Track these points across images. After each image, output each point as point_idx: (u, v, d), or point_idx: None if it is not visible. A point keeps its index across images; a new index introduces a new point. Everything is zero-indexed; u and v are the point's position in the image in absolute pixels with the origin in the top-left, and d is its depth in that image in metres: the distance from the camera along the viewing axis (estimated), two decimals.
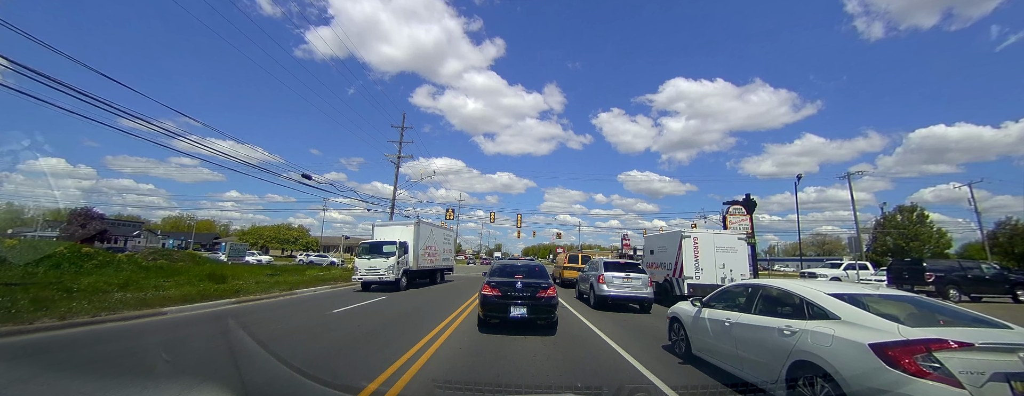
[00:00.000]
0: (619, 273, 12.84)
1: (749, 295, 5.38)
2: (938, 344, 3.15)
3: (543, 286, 8.14)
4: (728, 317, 5.27)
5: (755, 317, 4.85)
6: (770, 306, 4.87)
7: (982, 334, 3.36)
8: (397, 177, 32.55)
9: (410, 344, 6.67)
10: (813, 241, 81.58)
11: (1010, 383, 2.95)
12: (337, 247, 73.80)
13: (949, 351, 3.09)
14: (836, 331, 3.73)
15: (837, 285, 5.29)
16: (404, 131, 32.54)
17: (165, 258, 22.87)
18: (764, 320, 4.65)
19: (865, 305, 4.00)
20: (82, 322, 7.31)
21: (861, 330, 3.58)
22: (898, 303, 4.25)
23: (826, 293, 4.32)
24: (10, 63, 7.84)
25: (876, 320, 3.64)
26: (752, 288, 5.45)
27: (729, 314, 5.33)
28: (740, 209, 21.87)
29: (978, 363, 3.03)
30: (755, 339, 4.64)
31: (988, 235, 41.81)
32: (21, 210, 72.75)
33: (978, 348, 3.09)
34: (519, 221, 51.50)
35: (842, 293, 4.30)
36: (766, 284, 5.27)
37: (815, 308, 4.20)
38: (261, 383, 4.48)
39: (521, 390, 4.67)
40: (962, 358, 3.05)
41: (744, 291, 5.61)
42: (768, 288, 5.14)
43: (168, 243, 66.74)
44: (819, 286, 4.70)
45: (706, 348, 5.71)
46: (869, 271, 24.96)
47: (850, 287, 4.96)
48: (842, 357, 3.52)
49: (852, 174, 33.11)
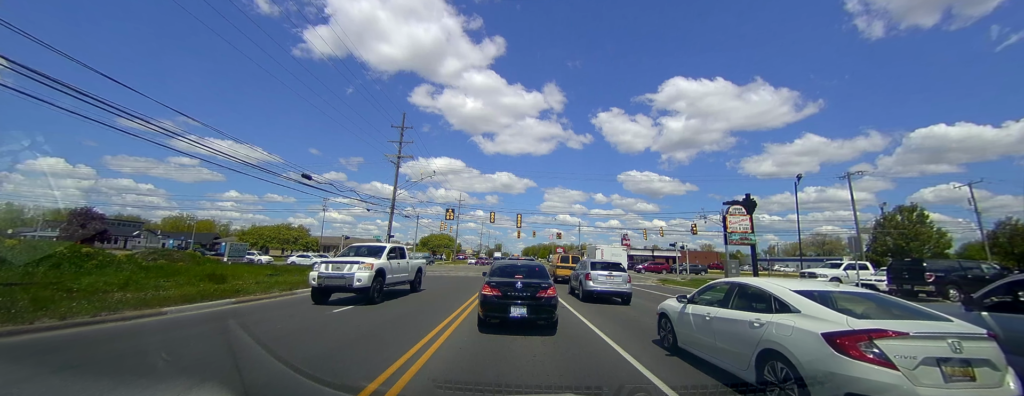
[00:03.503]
0: (603, 272, 14.72)
1: (727, 292, 5.82)
2: (878, 333, 3.65)
3: (543, 286, 8.13)
4: (709, 312, 5.76)
5: (731, 312, 5.35)
6: (744, 301, 5.33)
7: (919, 325, 3.83)
8: (397, 177, 32.54)
9: (410, 344, 6.67)
10: (813, 241, 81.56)
11: (940, 366, 3.50)
12: (337, 247, 73.77)
13: (888, 339, 3.60)
14: (796, 323, 4.23)
15: (804, 282, 5.69)
16: (404, 131, 32.54)
17: (165, 258, 22.86)
18: (738, 314, 5.16)
19: (825, 300, 4.44)
20: (82, 322, 7.31)
21: (817, 322, 4.07)
22: (860, 299, 4.70)
23: (791, 290, 4.79)
24: (9, 63, 7.84)
25: (830, 313, 4.13)
26: (730, 285, 5.90)
27: (709, 309, 5.81)
28: (740, 209, 21.86)
29: (912, 349, 3.54)
30: (730, 331, 5.15)
31: (988, 235, 41.79)
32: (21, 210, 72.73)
33: (912, 336, 3.62)
34: (519, 221, 51.57)
35: (805, 290, 4.76)
36: (742, 282, 5.71)
37: (781, 303, 4.68)
38: (261, 383, 4.48)
39: (522, 390, 4.67)
40: (898, 345, 3.56)
41: (723, 288, 6.05)
42: (743, 285, 5.59)
43: (168, 243, 66.77)
44: (786, 284, 5.13)
45: (690, 341, 6.21)
46: (869, 271, 24.90)
47: (815, 285, 5.42)
48: (800, 345, 4.03)
49: (852, 174, 33.08)
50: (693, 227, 47.16)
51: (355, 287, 11.36)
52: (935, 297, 19.69)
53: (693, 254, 69.92)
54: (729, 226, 21.47)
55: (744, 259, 53.34)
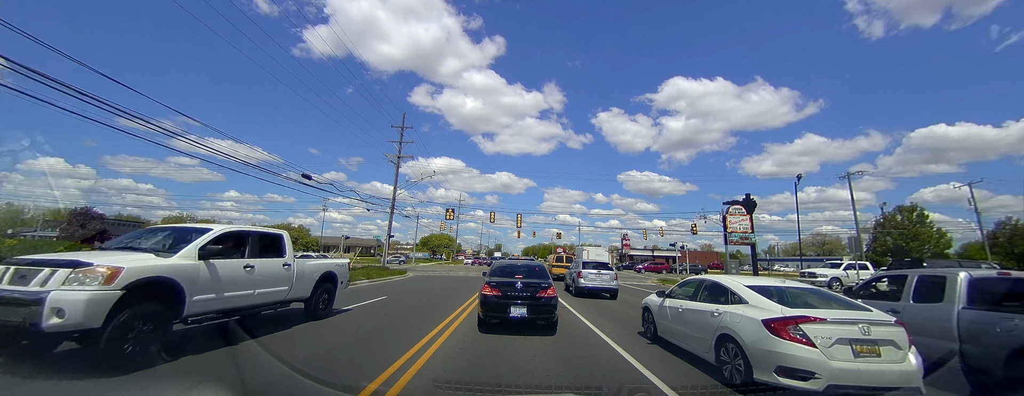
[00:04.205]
0: (593, 270, 16.61)
1: (696, 287, 6.79)
2: (803, 319, 4.57)
3: (543, 286, 8.13)
4: (681, 305, 6.72)
5: (698, 304, 6.29)
6: (708, 295, 6.25)
7: (838, 314, 4.74)
8: (397, 177, 32.55)
9: (410, 344, 6.67)
10: (813, 241, 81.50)
11: (851, 346, 4.39)
12: (337, 247, 73.76)
13: (810, 324, 4.51)
14: (743, 311, 5.17)
15: (756, 279, 6.55)
16: (404, 131, 32.53)
17: None
18: (703, 305, 6.09)
19: (769, 294, 5.36)
20: None
21: (759, 310, 5.01)
22: (804, 293, 5.63)
23: (744, 285, 5.71)
24: (9, 62, 7.84)
25: (770, 304, 5.07)
26: (699, 281, 6.92)
27: (682, 302, 6.77)
28: (740, 209, 21.86)
29: (829, 332, 4.44)
30: (697, 320, 6.09)
31: (988, 235, 41.80)
32: (21, 210, 72.65)
33: (830, 322, 4.53)
34: (519, 221, 51.54)
35: (755, 285, 5.70)
36: (708, 279, 6.73)
37: (735, 296, 5.61)
38: (261, 383, 4.48)
39: (521, 390, 4.68)
40: (818, 328, 4.47)
41: (694, 284, 7.01)
42: (708, 281, 6.58)
43: None
44: (742, 280, 6.08)
45: (667, 330, 7.14)
46: (869, 271, 24.89)
47: (766, 281, 6.24)
48: (745, 329, 4.93)
49: (852, 174, 33.14)
50: (693, 227, 47.16)
51: (46, 327, 4.25)
52: None
53: (693, 254, 69.93)
54: (729, 226, 21.46)
55: (744, 259, 53.41)
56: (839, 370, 4.20)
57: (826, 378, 4.17)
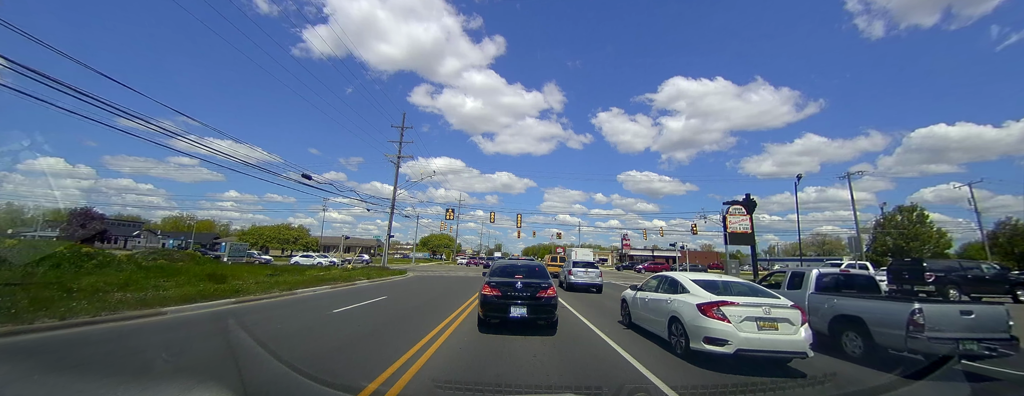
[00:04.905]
0: (582, 269, 19.45)
1: (659, 281, 8.36)
2: (722, 303, 6.13)
3: (543, 286, 8.12)
4: (647, 296, 8.38)
5: (659, 294, 7.92)
6: (667, 287, 7.81)
7: (749, 299, 6.27)
8: (397, 177, 32.55)
9: (410, 344, 6.67)
10: (813, 241, 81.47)
11: (756, 322, 5.92)
12: (337, 247, 73.74)
13: (727, 306, 6.06)
14: (686, 299, 6.79)
15: (702, 275, 8.15)
16: (404, 131, 32.52)
17: (165, 258, 22.86)
18: (662, 296, 7.72)
19: (706, 286, 6.94)
20: (82, 322, 7.30)
21: (696, 297, 6.61)
22: (736, 286, 7.10)
23: (690, 279, 7.35)
24: (9, 62, 7.84)
25: (705, 293, 6.66)
26: (661, 277, 8.46)
27: (647, 294, 8.43)
28: (740, 209, 21.85)
29: (740, 312, 5.98)
30: (657, 307, 7.69)
31: (988, 235, 41.80)
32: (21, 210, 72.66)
33: (741, 305, 6.08)
34: (519, 221, 51.58)
35: (698, 279, 7.35)
36: (668, 275, 8.21)
37: (681, 287, 7.25)
38: (261, 383, 4.48)
39: (521, 390, 4.67)
40: (732, 310, 6.01)
41: (658, 279, 8.53)
42: (668, 277, 8.06)
43: (168, 243, 66.75)
44: (690, 275, 7.70)
45: (638, 317, 8.79)
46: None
47: (709, 277, 7.89)
48: (685, 311, 6.53)
49: (852, 174, 33.15)
50: (693, 227, 47.19)
51: None
52: (935, 297, 19.71)
53: (693, 254, 69.96)
54: (729, 226, 21.46)
55: (744, 259, 53.35)
56: (745, 339, 5.74)
57: (735, 344, 5.72)
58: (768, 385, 5.19)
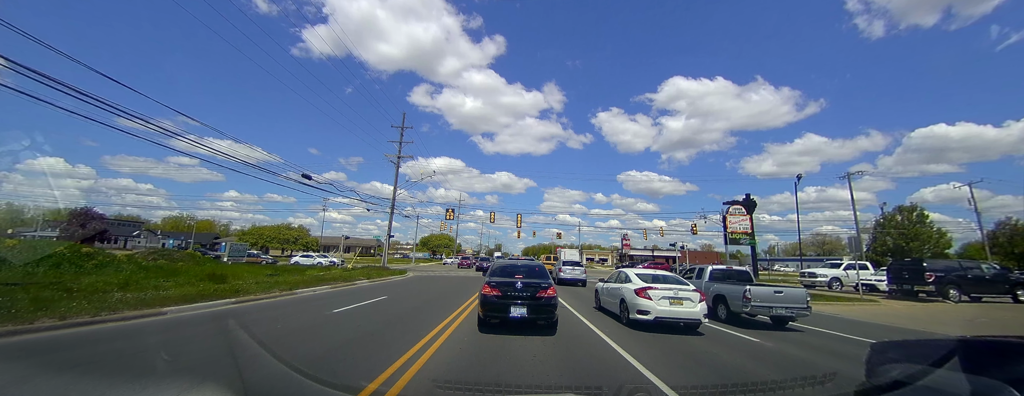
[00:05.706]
0: (569, 266, 24.21)
1: (616, 275, 11.75)
2: (648, 288, 9.27)
3: (543, 286, 8.12)
4: (609, 286, 11.54)
5: (615, 284, 10.98)
6: (621, 278, 10.91)
7: (665, 285, 9.42)
8: (397, 177, 32.54)
9: (410, 344, 6.67)
10: (813, 241, 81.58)
11: (669, 301, 9.04)
12: (337, 247, 73.75)
13: (651, 290, 9.21)
14: (629, 286, 9.81)
15: (643, 270, 11.73)
16: (404, 131, 32.51)
17: (165, 258, 22.86)
18: (617, 285, 10.75)
19: (644, 278, 10.11)
20: (82, 322, 7.30)
21: (634, 285, 9.68)
22: (662, 278, 10.19)
23: (635, 274, 10.54)
24: (9, 62, 7.83)
25: (641, 282, 9.71)
26: (618, 272, 11.84)
27: (609, 285, 11.60)
28: (740, 209, 21.88)
29: (658, 294, 9.14)
30: (613, 293, 10.78)
31: (988, 235, 41.80)
32: (21, 210, 72.66)
33: (659, 289, 9.23)
34: (519, 221, 51.65)
35: (640, 273, 10.62)
36: (624, 270, 11.44)
37: (628, 278, 10.40)
38: (261, 383, 4.47)
39: (522, 390, 4.67)
40: (653, 292, 9.16)
41: (616, 273, 11.85)
42: (623, 272, 11.20)
43: (168, 243, 66.68)
44: (636, 271, 11.04)
45: (603, 301, 11.86)
46: (869, 271, 24.83)
47: (649, 271, 11.35)
48: (627, 295, 9.64)
49: (852, 174, 33.04)
50: (693, 227, 47.17)
51: None
52: (935, 296, 19.69)
53: (693, 254, 69.94)
54: (729, 226, 21.47)
55: (744, 259, 53.33)
56: (662, 311, 8.88)
57: (654, 314, 8.87)
58: (769, 385, 5.19)
